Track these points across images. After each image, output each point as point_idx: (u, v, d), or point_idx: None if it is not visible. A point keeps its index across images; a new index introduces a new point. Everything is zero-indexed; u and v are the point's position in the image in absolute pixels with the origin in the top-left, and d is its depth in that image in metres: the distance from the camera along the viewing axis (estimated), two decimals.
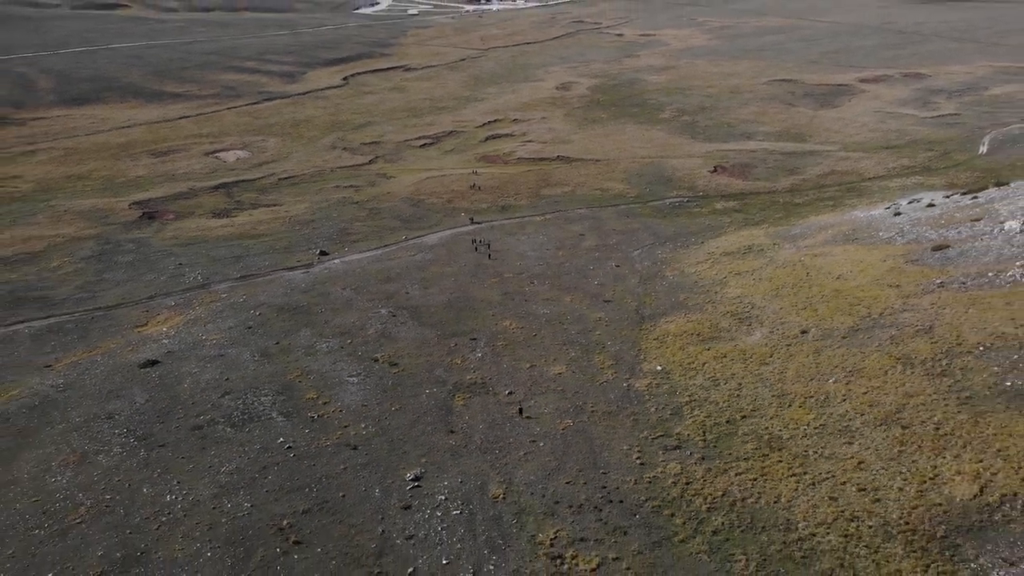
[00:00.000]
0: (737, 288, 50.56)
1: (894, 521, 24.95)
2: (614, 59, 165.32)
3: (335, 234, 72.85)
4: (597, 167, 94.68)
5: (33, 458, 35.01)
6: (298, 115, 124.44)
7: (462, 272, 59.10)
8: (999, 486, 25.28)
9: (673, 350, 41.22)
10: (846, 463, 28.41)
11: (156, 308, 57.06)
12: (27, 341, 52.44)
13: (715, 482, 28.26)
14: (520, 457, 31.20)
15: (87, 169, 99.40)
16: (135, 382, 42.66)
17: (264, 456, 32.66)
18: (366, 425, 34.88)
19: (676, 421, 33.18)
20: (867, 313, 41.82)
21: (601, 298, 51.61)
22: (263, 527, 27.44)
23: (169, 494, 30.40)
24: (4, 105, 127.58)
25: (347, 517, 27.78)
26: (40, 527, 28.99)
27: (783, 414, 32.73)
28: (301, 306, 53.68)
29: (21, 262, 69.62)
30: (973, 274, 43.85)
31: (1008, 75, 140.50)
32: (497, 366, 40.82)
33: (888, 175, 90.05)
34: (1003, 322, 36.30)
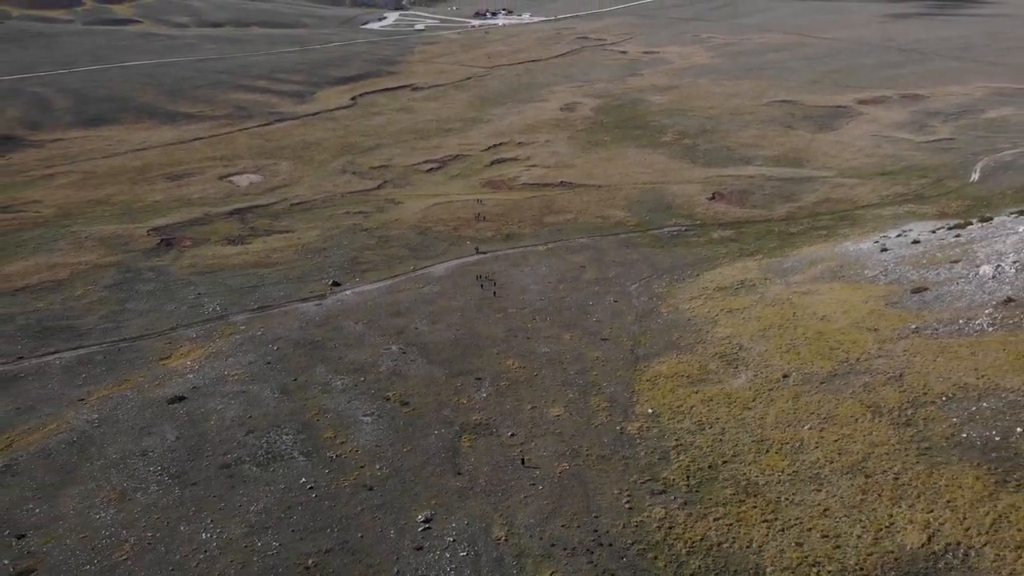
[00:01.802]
0: (727, 327, 53.93)
1: (851, 567, 28.36)
2: (618, 78, 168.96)
3: (346, 263, 76.45)
4: (599, 193, 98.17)
5: (76, 494, 38.62)
6: (308, 137, 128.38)
7: (468, 307, 62.60)
8: (945, 536, 28.65)
9: (664, 392, 44.63)
10: (813, 510, 31.81)
11: (178, 340, 60.72)
12: (59, 373, 56.12)
13: (695, 527, 31.71)
14: (521, 500, 34.69)
15: (105, 194, 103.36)
16: (165, 418, 46.28)
17: (288, 496, 36.21)
18: (380, 466, 38.40)
19: (663, 465, 36.62)
20: (845, 358, 45.17)
21: (599, 336, 55.04)
22: (291, 565, 31.00)
23: (204, 532, 33.97)
24: (22, 127, 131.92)
25: (365, 557, 31.32)
26: (90, 563, 32.59)
27: (760, 460, 36.12)
28: (316, 341, 57.24)
29: (47, 290, 73.37)
30: (945, 320, 47.16)
31: (1004, 97, 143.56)
32: (500, 407, 44.31)
33: (882, 203, 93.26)
34: (967, 372, 39.63)
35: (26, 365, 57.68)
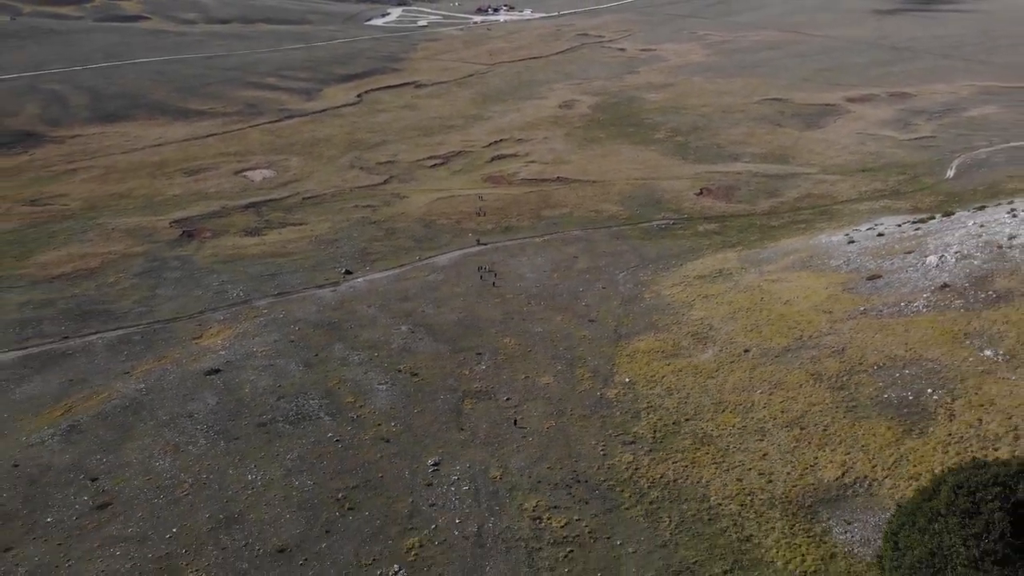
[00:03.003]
0: (701, 310, 60.94)
1: (778, 495, 35.43)
2: (615, 75, 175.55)
3: (357, 253, 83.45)
4: (593, 189, 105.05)
5: (136, 447, 45.77)
6: (317, 134, 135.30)
7: (469, 292, 69.63)
8: (856, 471, 35.70)
9: (640, 364, 51.72)
10: (755, 455, 38.88)
11: (207, 322, 67.81)
12: (103, 351, 63.25)
13: (657, 468, 38.79)
14: (513, 449, 41.81)
15: (127, 188, 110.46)
16: (204, 387, 53.39)
17: (318, 447, 43.36)
18: (395, 424, 45.55)
19: (634, 422, 43.72)
20: (799, 335, 52.21)
21: (587, 318, 62.07)
22: (324, 497, 38.13)
23: (249, 474, 41.14)
24: (42, 123, 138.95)
25: (385, 491, 38.44)
26: (157, 497, 39.76)
27: (716, 418, 43.20)
28: (333, 322, 64.30)
29: (81, 278, 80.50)
30: (890, 303, 54.16)
31: (988, 95, 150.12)
32: (498, 377, 51.43)
33: (860, 198, 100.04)
34: (898, 346, 46.67)
35: (72, 344, 64.85)
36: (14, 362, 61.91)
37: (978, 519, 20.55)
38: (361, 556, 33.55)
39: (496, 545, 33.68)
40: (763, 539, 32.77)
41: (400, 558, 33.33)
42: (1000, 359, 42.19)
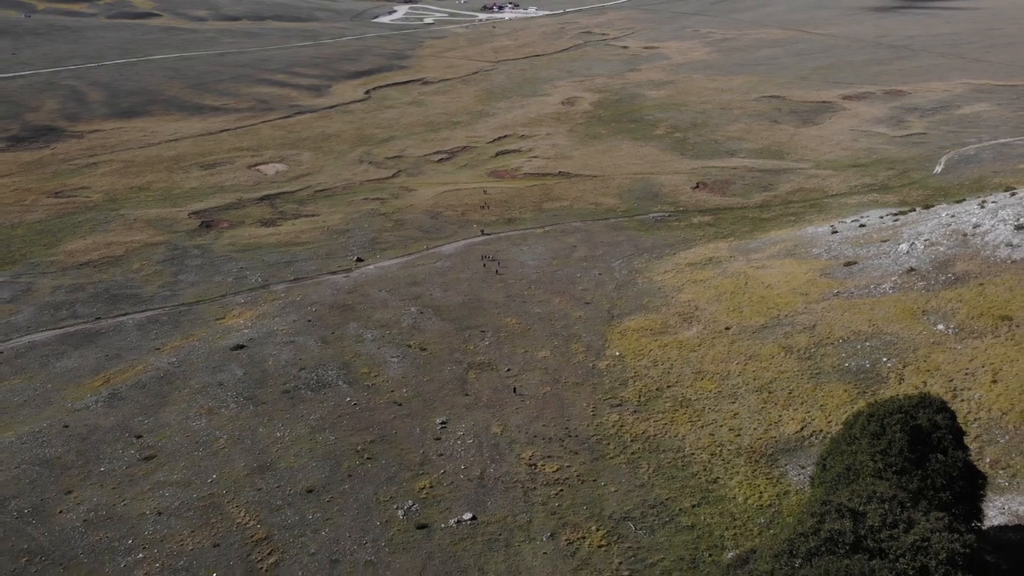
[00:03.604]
0: (689, 293, 66.11)
1: (744, 446, 40.65)
2: (617, 73, 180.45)
3: (367, 243, 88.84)
4: (593, 183, 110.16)
5: (174, 411, 51.24)
6: (327, 129, 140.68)
7: (474, 278, 74.94)
8: (813, 426, 40.90)
9: (630, 341, 56.96)
10: (727, 414, 44.10)
11: (229, 304, 73.35)
12: (133, 330, 68.88)
13: (639, 426, 44.05)
14: (513, 411, 47.13)
15: (146, 181, 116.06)
16: (231, 360, 58.82)
17: (338, 409, 48.75)
18: (406, 390, 50.92)
19: (622, 389, 48.99)
20: (776, 315, 57.37)
21: (583, 301, 67.31)
22: (346, 449, 43.50)
23: (277, 431, 46.56)
24: (62, 118, 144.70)
25: (399, 444, 43.79)
26: (196, 450, 45.21)
27: (696, 385, 48.44)
28: (347, 304, 69.69)
29: (107, 264, 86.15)
30: (861, 286, 59.27)
31: (982, 93, 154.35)
32: (499, 351, 56.74)
33: (849, 192, 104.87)
34: (863, 322, 51.82)
35: (104, 324, 70.50)
36: (52, 340, 67.63)
37: (883, 439, 25.58)
38: (379, 495, 38.91)
39: (496, 486, 39.01)
40: (728, 480, 38.01)
41: (413, 496, 38.68)
42: (950, 332, 47.32)
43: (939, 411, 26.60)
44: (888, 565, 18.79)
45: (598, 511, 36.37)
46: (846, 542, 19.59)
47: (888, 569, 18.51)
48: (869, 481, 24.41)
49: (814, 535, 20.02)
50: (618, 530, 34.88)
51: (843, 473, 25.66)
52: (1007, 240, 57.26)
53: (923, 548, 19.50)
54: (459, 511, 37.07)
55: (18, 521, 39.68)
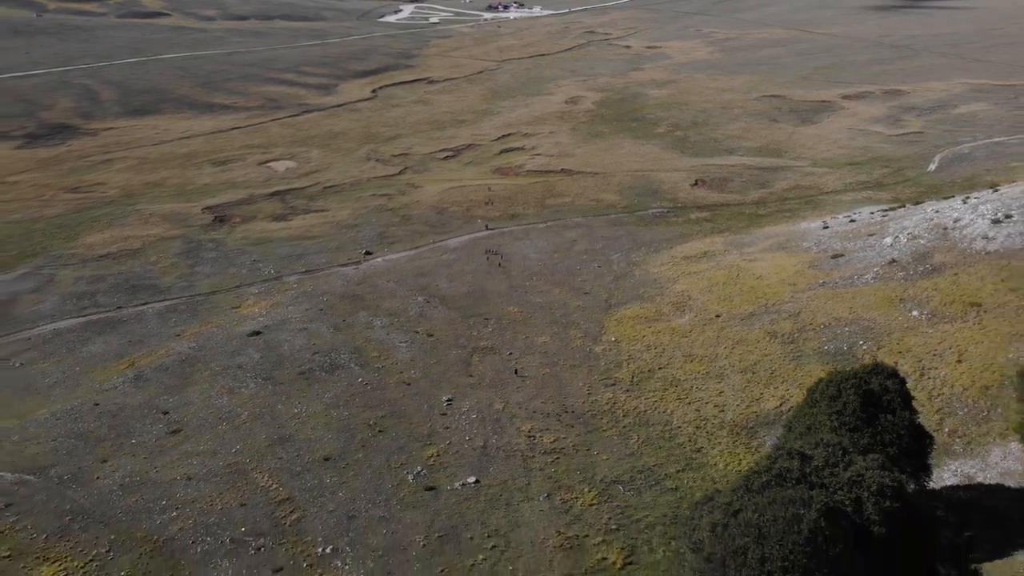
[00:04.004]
0: (683, 284, 69.70)
1: (727, 421, 44.26)
2: (620, 72, 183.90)
3: (375, 237, 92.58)
4: (595, 180, 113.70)
5: (197, 390, 55.06)
6: (335, 127, 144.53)
7: (478, 270, 78.61)
8: (791, 402, 44.47)
9: (626, 327, 60.59)
10: (712, 393, 47.72)
11: (244, 295, 77.16)
12: (154, 318, 72.75)
13: (631, 403, 47.69)
14: (514, 389, 50.82)
15: (160, 177, 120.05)
16: (248, 345, 62.62)
17: (351, 388, 52.51)
18: (415, 371, 54.65)
19: (616, 370, 52.63)
20: (764, 303, 60.92)
21: (582, 291, 70.93)
22: (359, 423, 47.25)
23: (295, 408, 50.34)
24: (76, 116, 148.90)
25: (408, 419, 47.52)
26: (220, 424, 49.02)
27: (685, 367, 52.06)
28: (357, 294, 73.45)
29: (125, 257, 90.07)
30: (846, 276, 62.79)
31: (980, 93, 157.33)
32: (502, 337, 60.44)
33: (844, 189, 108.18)
34: (844, 310, 55.37)
35: (126, 312, 74.41)
36: (77, 327, 71.57)
37: (839, 401, 29.07)
38: (391, 462, 42.64)
39: (498, 454, 42.70)
40: (710, 450, 41.63)
41: (422, 462, 42.40)
42: (923, 318, 50.85)
43: (889, 377, 30.18)
44: (827, 495, 22.34)
45: (590, 475, 40.06)
46: (793, 477, 23.16)
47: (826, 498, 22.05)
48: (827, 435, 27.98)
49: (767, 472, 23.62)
50: (608, 491, 38.56)
51: (804, 432, 29.26)
52: (983, 233, 60.72)
53: (858, 482, 23.06)
54: (464, 475, 40.81)
55: (59, 486, 43.54)
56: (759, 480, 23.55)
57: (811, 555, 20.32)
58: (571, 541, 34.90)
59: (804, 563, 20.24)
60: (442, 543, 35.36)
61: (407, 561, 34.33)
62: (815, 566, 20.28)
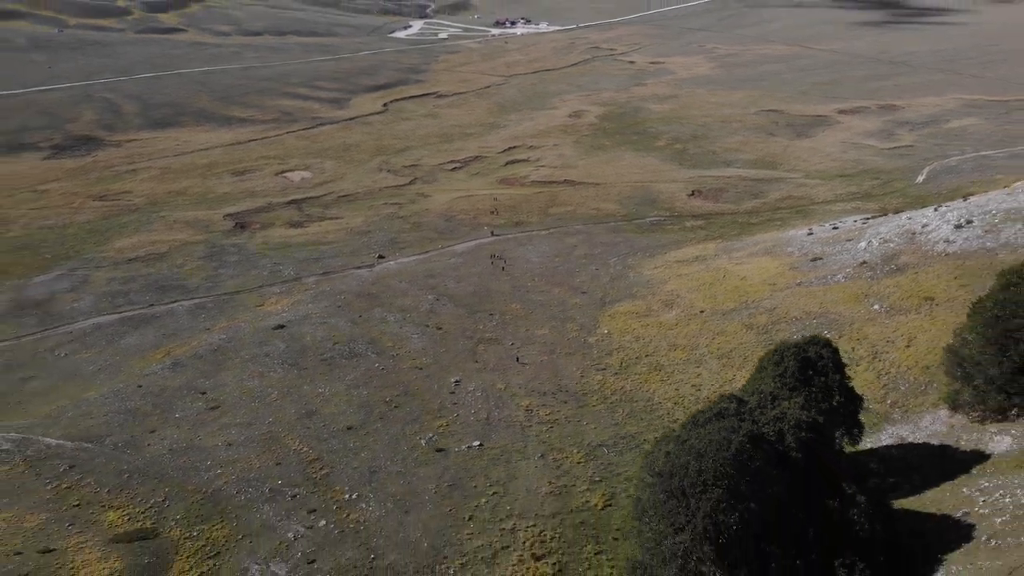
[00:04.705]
0: (673, 284, 76.26)
1: (703, 397, 50.64)
2: (623, 87, 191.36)
3: (387, 242, 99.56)
4: (596, 190, 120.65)
5: (230, 375, 61.81)
6: (348, 140, 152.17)
7: (484, 272, 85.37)
8: None
9: (618, 321, 67.15)
10: (691, 375, 54.19)
11: (266, 294, 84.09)
12: (184, 314, 79.72)
13: (618, 384, 54.18)
14: (514, 373, 57.41)
15: (183, 186, 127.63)
16: (274, 337, 69.41)
17: (369, 372, 59.21)
18: (426, 358, 61.33)
19: (607, 357, 59.16)
20: (745, 300, 67.40)
21: (580, 290, 77.57)
22: (376, 400, 53.89)
23: (319, 388, 57.05)
24: (100, 128, 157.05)
25: (420, 396, 54.14)
26: (253, 402, 55.74)
27: (669, 354, 58.55)
28: (372, 293, 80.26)
29: (153, 260, 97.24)
30: (820, 277, 69.23)
31: (973, 108, 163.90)
32: (505, 330, 67.09)
33: (835, 200, 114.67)
34: (814, 305, 61.82)
35: (158, 309, 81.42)
36: (114, 322, 78.61)
37: (781, 366, 35.40)
38: (406, 430, 49.24)
39: (499, 424, 49.23)
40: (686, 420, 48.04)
41: (433, 430, 48.99)
42: (883, 311, 57.26)
43: (824, 347, 36.68)
44: (753, 426, 28.66)
45: (579, 440, 46.52)
46: (730, 414, 29.51)
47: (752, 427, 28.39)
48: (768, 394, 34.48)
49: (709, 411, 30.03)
50: (594, 453, 44.99)
51: (755, 390, 35.76)
52: (946, 237, 67.15)
53: (780, 418, 29.39)
54: (469, 440, 47.34)
55: (115, 451, 50.29)
56: (703, 417, 29.92)
57: (737, 468, 26.56)
58: (560, 489, 41.31)
59: (731, 474, 26.47)
60: (450, 490, 41.83)
61: (421, 503, 40.79)
62: (739, 476, 26.51)
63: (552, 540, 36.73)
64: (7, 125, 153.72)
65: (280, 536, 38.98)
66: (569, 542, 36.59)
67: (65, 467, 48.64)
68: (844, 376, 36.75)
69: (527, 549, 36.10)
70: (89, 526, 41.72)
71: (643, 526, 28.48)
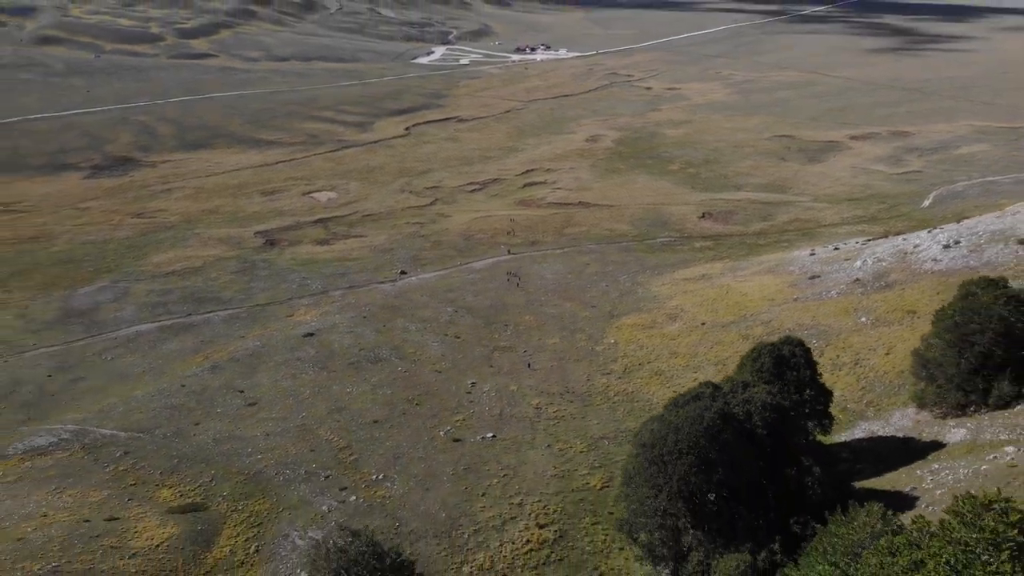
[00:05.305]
0: (678, 300, 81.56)
1: None
2: (639, 112, 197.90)
3: (409, 259, 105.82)
4: (610, 212, 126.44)
5: (265, 376, 67.83)
6: (371, 162, 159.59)
7: (500, 288, 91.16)
8: None
9: (624, 332, 72.53)
10: (689, 379, 59.28)
11: (296, 305, 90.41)
12: (220, 323, 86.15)
13: (622, 387, 59.45)
14: (526, 376, 62.88)
15: (215, 205, 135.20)
16: (304, 344, 75.48)
17: (392, 375, 64.99)
18: (445, 363, 67.04)
19: (612, 364, 64.50)
20: (744, 314, 72.55)
21: (590, 304, 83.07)
22: (399, 399, 59.59)
23: (347, 388, 62.88)
24: (136, 150, 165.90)
25: (440, 396, 59.75)
26: (288, 398, 61.68)
27: (670, 361, 63.80)
28: (395, 305, 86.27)
29: (189, 273, 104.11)
30: (816, 293, 74.26)
31: (983, 135, 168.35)
32: (518, 339, 72.71)
33: (841, 223, 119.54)
34: (807, 317, 66.87)
35: (195, 319, 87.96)
36: (155, 330, 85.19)
37: (759, 362, 40.55)
38: (426, 424, 54.83)
39: (511, 419, 54.68)
40: None
41: (451, 424, 54.54)
42: (868, 322, 62.21)
43: (797, 346, 41.93)
44: (726, 407, 33.89)
45: (583, 433, 51.83)
46: (705, 396, 34.81)
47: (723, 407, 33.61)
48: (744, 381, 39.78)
49: (688, 394, 35.34)
50: (596, 444, 50.26)
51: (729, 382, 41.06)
52: (934, 256, 72.07)
53: (749, 400, 34.59)
54: (483, 432, 52.83)
55: (164, 440, 56.32)
56: (683, 399, 35.20)
57: (708, 440, 31.74)
58: (563, 472, 46.57)
59: (703, 444, 31.64)
60: (466, 472, 47.24)
61: (439, 483, 46.21)
62: (710, 446, 31.67)
63: (555, 512, 42.02)
64: (50, 146, 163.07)
65: (316, 509, 44.58)
66: (570, 515, 41.84)
67: (120, 453, 54.69)
68: (815, 372, 41.93)
69: (532, 519, 41.40)
70: (146, 501, 47.60)
71: (629, 490, 33.72)
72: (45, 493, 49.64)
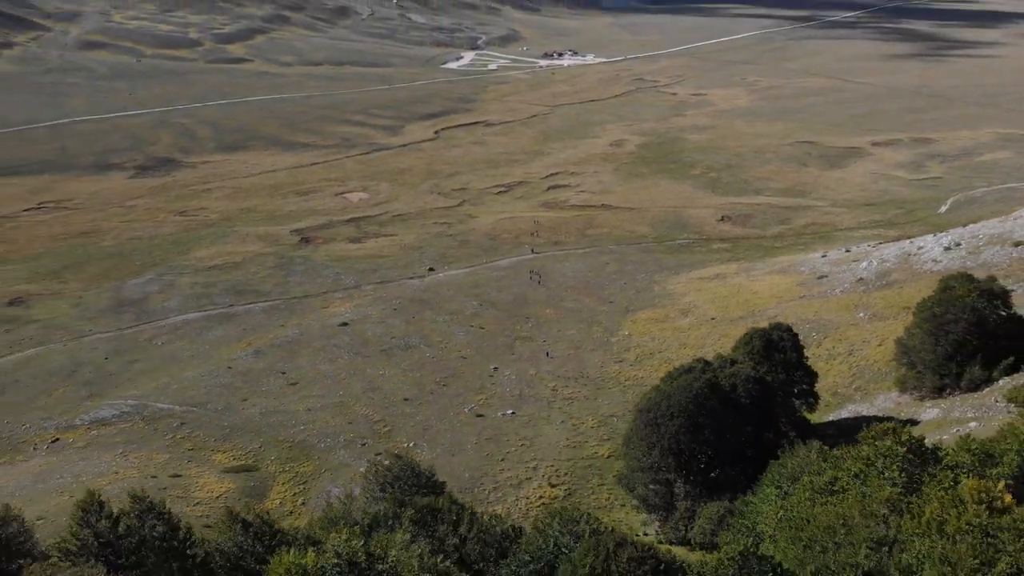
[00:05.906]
0: (691, 296, 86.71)
1: None
2: (663, 118, 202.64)
3: (437, 257, 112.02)
4: (631, 214, 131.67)
5: (304, 360, 74.27)
6: (401, 164, 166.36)
7: (523, 284, 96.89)
8: None
9: (639, 325, 77.95)
10: None
11: (330, 299, 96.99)
12: (260, 313, 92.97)
13: (632, 373, 64.91)
14: (544, 362, 68.61)
15: (253, 204, 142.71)
16: (340, 332, 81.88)
17: (421, 361, 71.12)
18: (470, 351, 73.03)
19: (625, 353, 69.98)
20: (752, 310, 77.56)
21: (607, 300, 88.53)
22: (428, 380, 65.64)
23: (379, 371, 69.10)
24: (177, 151, 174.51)
25: (464, 379, 65.71)
26: (326, 379, 68.05)
27: (680, 351, 69.08)
28: (423, 299, 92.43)
29: (230, 268, 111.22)
30: (821, 291, 79.06)
31: (1007, 142, 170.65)
32: (539, 330, 78.47)
33: (858, 227, 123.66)
34: (810, 313, 71.78)
35: (237, 309, 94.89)
36: (200, 319, 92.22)
37: (750, 344, 45.80)
38: (452, 402, 60.82)
39: (530, 399, 60.45)
40: None
41: (474, 403, 60.49)
42: (866, 317, 67.01)
43: (786, 331, 47.18)
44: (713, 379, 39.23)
45: (595, 412, 57.43)
46: (696, 369, 40.20)
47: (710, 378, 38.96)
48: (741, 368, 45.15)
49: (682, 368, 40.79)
50: (606, 421, 55.81)
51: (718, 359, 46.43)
52: (934, 257, 76.57)
53: (735, 374, 39.90)
54: (504, 409, 58.71)
55: (216, 414, 62.93)
56: (677, 372, 40.70)
57: (696, 405, 37.08)
58: (575, 443, 52.20)
59: (691, 409, 36.99)
60: (488, 442, 53.11)
61: (464, 450, 52.12)
62: (698, 411, 37.01)
63: (565, 475, 47.68)
64: (96, 147, 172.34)
65: (354, 470, 50.67)
66: (578, 477, 47.46)
67: (177, 424, 61.39)
68: (802, 355, 47.13)
69: (545, 480, 47.11)
70: (204, 463, 54.12)
71: (628, 450, 39.25)
72: (113, 456, 56.40)
